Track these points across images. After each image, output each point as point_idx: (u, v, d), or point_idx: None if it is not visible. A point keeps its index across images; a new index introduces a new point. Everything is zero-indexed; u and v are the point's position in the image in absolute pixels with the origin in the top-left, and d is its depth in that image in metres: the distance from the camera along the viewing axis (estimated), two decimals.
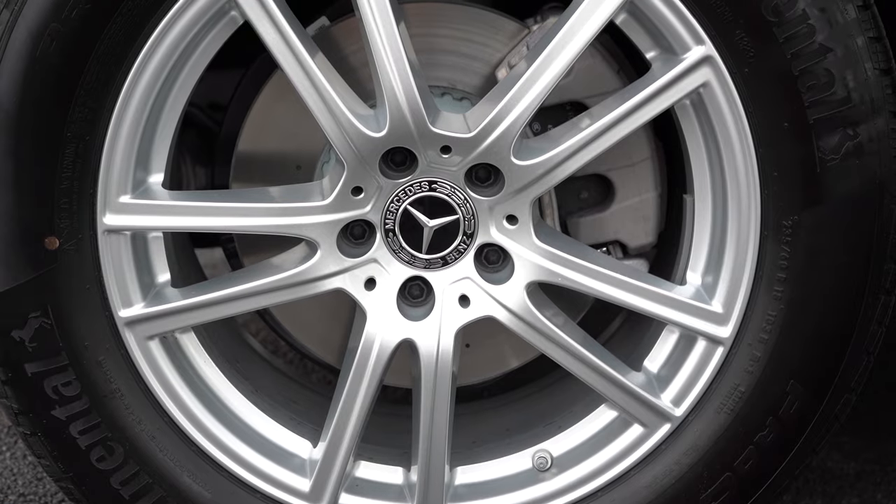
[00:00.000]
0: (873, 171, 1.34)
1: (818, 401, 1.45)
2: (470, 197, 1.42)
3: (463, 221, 1.43)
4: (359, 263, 1.45)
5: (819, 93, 1.32)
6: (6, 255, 1.35)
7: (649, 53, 1.42)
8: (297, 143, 1.64)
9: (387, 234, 1.43)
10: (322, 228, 1.42)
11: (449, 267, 1.46)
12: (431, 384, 1.47)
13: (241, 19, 1.35)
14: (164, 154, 1.44)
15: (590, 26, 1.34)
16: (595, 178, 1.66)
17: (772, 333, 1.43)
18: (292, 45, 1.33)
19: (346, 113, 1.35)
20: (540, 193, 1.44)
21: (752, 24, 1.32)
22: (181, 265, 1.60)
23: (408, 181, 1.41)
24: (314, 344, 1.77)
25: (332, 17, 1.60)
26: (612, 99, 1.44)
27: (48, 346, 1.39)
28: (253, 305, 1.49)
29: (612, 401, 1.50)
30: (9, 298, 1.36)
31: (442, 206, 1.42)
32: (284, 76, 1.37)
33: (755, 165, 1.37)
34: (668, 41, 1.36)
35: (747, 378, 1.45)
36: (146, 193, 1.42)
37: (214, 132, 1.90)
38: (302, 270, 1.43)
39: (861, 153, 1.33)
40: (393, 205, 1.42)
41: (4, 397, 1.41)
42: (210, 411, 1.51)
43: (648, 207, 1.66)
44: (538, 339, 1.46)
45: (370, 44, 1.33)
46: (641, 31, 1.40)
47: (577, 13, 1.34)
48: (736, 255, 1.42)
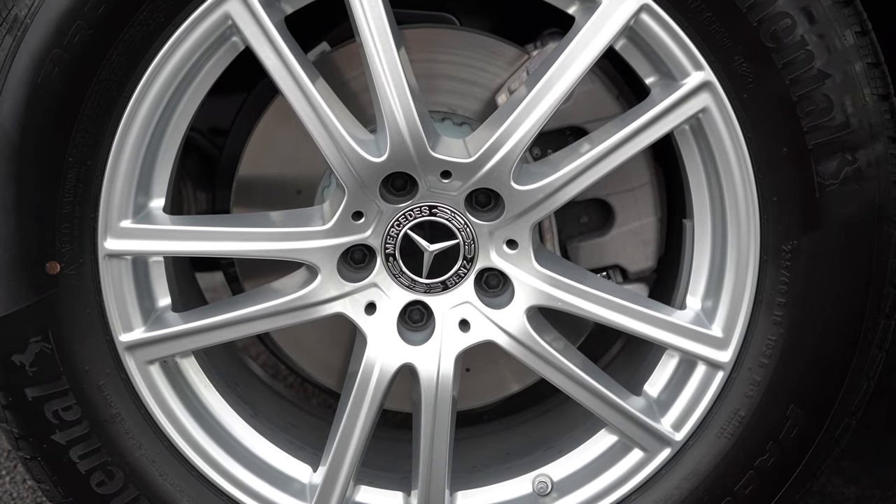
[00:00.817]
0: (872, 195, 1.35)
1: (818, 425, 1.44)
2: (470, 221, 1.42)
3: (463, 246, 1.43)
4: (359, 288, 1.45)
5: (818, 118, 1.32)
6: (7, 280, 1.35)
7: (649, 79, 1.42)
8: (297, 168, 1.64)
9: (387, 259, 1.43)
10: (322, 253, 1.42)
11: (449, 291, 1.46)
12: (432, 409, 1.47)
13: (242, 45, 1.36)
14: (165, 179, 1.44)
15: (589, 52, 1.34)
16: (595, 202, 1.66)
17: (772, 358, 1.43)
18: (293, 71, 1.33)
19: (346, 138, 1.36)
20: (540, 218, 1.44)
21: (750, 50, 1.32)
22: (182, 289, 1.60)
23: (408, 206, 1.41)
24: (314, 368, 1.76)
25: (332, 43, 1.60)
26: (611, 124, 1.44)
27: (48, 370, 1.39)
28: (253, 330, 1.48)
29: (612, 425, 1.49)
30: (9, 323, 1.36)
31: (442, 231, 1.42)
32: (285, 101, 1.37)
33: (754, 190, 1.38)
34: (668, 67, 1.37)
35: (747, 402, 1.45)
36: (147, 218, 1.42)
37: (215, 157, 1.90)
38: (302, 295, 1.43)
39: (860, 178, 1.34)
40: (393, 229, 1.42)
41: (4, 422, 1.41)
42: (210, 435, 1.51)
43: (648, 232, 1.66)
44: (538, 363, 1.46)
45: (371, 69, 1.33)
46: (641, 57, 1.41)
47: (576, 39, 1.34)
48: (736, 280, 1.42)
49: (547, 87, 1.36)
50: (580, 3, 1.36)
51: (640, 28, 1.34)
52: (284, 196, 1.66)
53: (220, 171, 1.81)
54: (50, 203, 1.34)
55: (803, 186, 1.36)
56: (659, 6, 1.32)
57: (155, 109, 1.37)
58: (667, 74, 1.39)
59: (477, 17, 1.70)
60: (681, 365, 1.50)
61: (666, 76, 1.39)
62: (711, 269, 1.46)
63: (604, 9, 1.32)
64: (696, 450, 1.48)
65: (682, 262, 1.51)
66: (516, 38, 1.64)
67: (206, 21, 1.33)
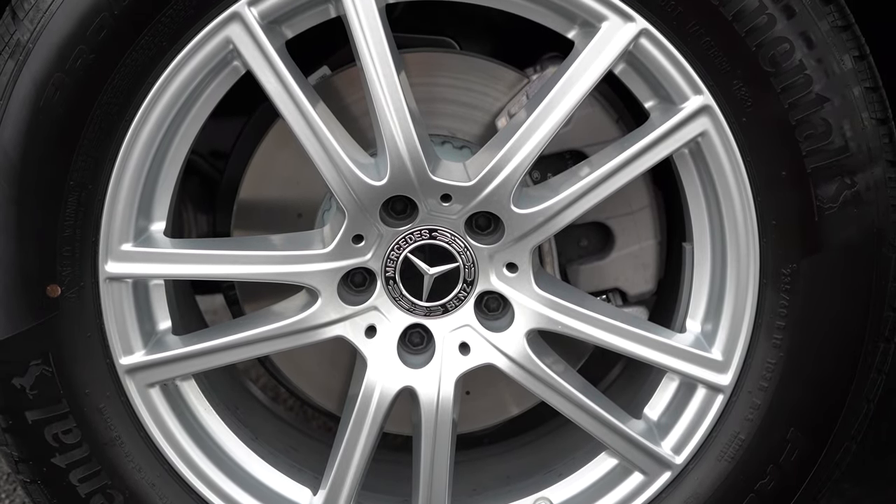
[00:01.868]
0: (871, 219, 1.35)
1: (819, 448, 1.44)
2: (470, 245, 1.42)
3: (463, 269, 1.43)
4: (359, 311, 1.45)
5: (817, 142, 1.33)
6: (8, 303, 1.35)
7: (648, 103, 1.42)
8: (298, 192, 1.65)
9: (387, 282, 1.44)
10: (323, 276, 1.42)
11: (449, 315, 1.46)
12: (432, 431, 1.46)
13: (243, 69, 1.37)
14: (167, 202, 1.44)
15: (589, 76, 1.35)
16: (594, 225, 1.66)
17: (772, 381, 1.43)
18: (294, 95, 1.34)
19: (347, 162, 1.36)
20: (539, 241, 1.44)
21: (749, 75, 1.33)
22: (182, 312, 1.60)
23: (408, 229, 1.42)
24: (314, 391, 1.76)
25: (333, 67, 1.61)
26: (611, 148, 1.44)
27: (49, 393, 1.39)
28: (254, 353, 1.48)
29: (612, 448, 1.49)
30: (10, 346, 1.36)
31: (442, 254, 1.42)
32: (286, 125, 1.38)
33: (754, 214, 1.38)
34: (667, 91, 1.37)
35: (748, 426, 1.45)
36: (148, 241, 1.42)
37: (216, 179, 1.90)
38: (302, 318, 1.43)
39: (859, 202, 1.34)
40: (393, 253, 1.42)
41: (4, 445, 1.41)
42: (210, 459, 1.51)
43: (648, 255, 1.67)
44: (538, 386, 1.46)
45: (370, 93, 1.34)
46: (640, 81, 1.41)
47: (576, 63, 1.35)
48: (735, 303, 1.42)
49: (546, 111, 1.36)
50: (580, 28, 1.37)
51: (640, 52, 1.35)
52: (285, 219, 1.66)
53: (220, 193, 1.82)
54: (51, 226, 1.34)
55: (802, 210, 1.36)
56: (657, 31, 1.33)
57: (156, 134, 1.37)
58: (666, 98, 1.39)
59: (477, 41, 1.72)
60: (681, 388, 1.50)
61: (665, 100, 1.40)
62: (711, 292, 1.46)
63: (603, 33, 1.33)
64: (697, 473, 1.48)
65: (682, 285, 1.52)
66: (516, 62, 1.65)
67: (208, 45, 1.34)
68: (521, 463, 1.78)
